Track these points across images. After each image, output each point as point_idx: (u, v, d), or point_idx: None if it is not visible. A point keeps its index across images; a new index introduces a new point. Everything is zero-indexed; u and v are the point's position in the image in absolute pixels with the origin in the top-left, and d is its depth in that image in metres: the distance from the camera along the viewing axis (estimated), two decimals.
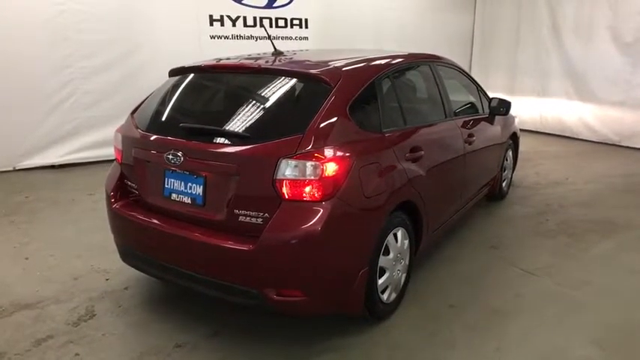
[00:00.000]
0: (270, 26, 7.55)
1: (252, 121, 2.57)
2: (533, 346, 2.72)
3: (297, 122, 2.45)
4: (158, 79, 6.73)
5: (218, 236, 2.48)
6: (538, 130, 8.89)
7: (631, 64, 7.47)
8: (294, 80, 2.69)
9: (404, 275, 3.02)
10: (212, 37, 7.14)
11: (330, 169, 2.34)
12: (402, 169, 2.83)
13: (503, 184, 5.11)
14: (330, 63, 2.82)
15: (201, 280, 2.59)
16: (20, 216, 4.73)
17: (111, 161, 3.20)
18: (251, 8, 7.31)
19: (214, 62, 3.03)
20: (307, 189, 2.33)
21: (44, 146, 6.34)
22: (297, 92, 2.69)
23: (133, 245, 2.92)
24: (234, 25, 7.27)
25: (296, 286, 2.40)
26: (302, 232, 2.31)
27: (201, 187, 2.56)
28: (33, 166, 6.34)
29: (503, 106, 4.28)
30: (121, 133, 2.99)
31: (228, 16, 7.19)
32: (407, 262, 3.03)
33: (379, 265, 2.72)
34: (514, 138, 5.23)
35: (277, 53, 3.22)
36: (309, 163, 2.32)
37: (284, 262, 2.35)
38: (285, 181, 2.34)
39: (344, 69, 2.75)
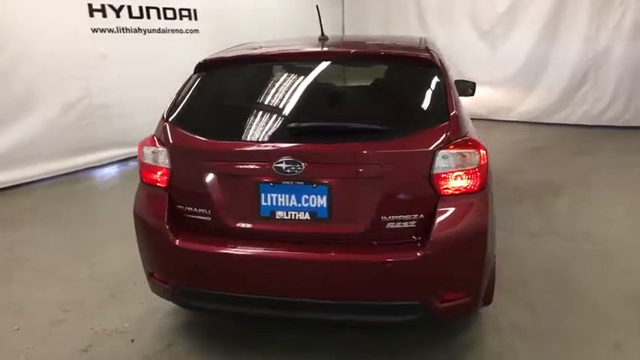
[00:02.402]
0: (158, 17, 6.64)
1: (381, 112, 2.21)
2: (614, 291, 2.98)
3: (432, 109, 2.21)
4: (29, 86, 5.47)
5: (364, 251, 2.10)
6: None
7: (490, 48, 8.65)
8: (399, 63, 2.40)
9: None
10: (94, 30, 5.93)
11: (483, 155, 2.16)
12: None
13: None
14: (407, 44, 2.59)
15: (336, 307, 2.16)
16: None
17: None
18: None
19: (275, 50, 2.50)
20: (466, 180, 2.11)
21: None
22: (411, 76, 2.40)
23: (209, 284, 2.27)
24: (118, 15, 6.15)
25: (462, 287, 2.17)
26: (471, 227, 2.10)
27: (325, 197, 2.12)
28: None
29: (470, 88, 4.51)
30: (167, 148, 2.28)
31: (111, 6, 6.05)
32: None
33: None
34: None
35: (324, 38, 2.80)
36: (467, 152, 2.10)
37: (455, 263, 2.11)
38: (442, 175, 2.08)
39: (433, 51, 2.54)
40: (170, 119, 2.37)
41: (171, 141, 2.29)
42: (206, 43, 7.10)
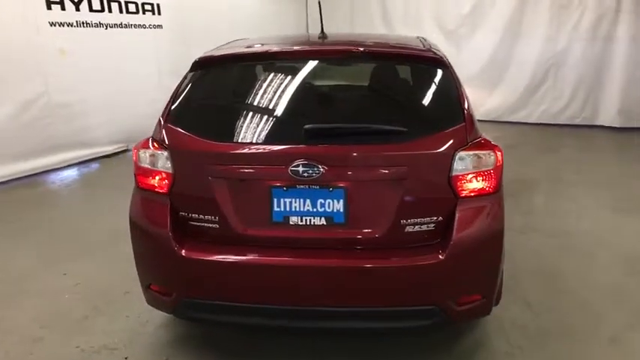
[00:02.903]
0: (120, 11, 6.31)
1: (398, 113, 2.16)
2: (602, 286, 3.07)
3: (448, 110, 2.18)
4: None
5: (383, 255, 2.04)
6: None
7: (455, 47, 8.79)
8: (410, 63, 2.35)
9: None
10: (52, 24, 5.57)
11: (499, 156, 2.15)
12: None
13: None
14: (412, 44, 2.54)
15: (351, 315, 2.10)
16: None
17: None
18: None
19: (281, 48, 2.38)
20: (483, 182, 2.09)
21: None
22: (423, 77, 2.35)
23: (216, 295, 2.14)
24: (77, 9, 5.80)
25: (479, 289, 2.15)
26: (490, 229, 2.09)
27: (342, 201, 2.04)
28: None
29: None
30: (168, 151, 2.12)
31: None
32: None
33: None
34: None
35: (323, 36, 2.71)
36: (483, 153, 2.09)
37: (475, 265, 2.09)
38: (461, 176, 2.05)
39: (439, 51, 2.51)
40: (170, 120, 2.21)
41: (173, 144, 2.14)
42: (170, 40, 6.87)
